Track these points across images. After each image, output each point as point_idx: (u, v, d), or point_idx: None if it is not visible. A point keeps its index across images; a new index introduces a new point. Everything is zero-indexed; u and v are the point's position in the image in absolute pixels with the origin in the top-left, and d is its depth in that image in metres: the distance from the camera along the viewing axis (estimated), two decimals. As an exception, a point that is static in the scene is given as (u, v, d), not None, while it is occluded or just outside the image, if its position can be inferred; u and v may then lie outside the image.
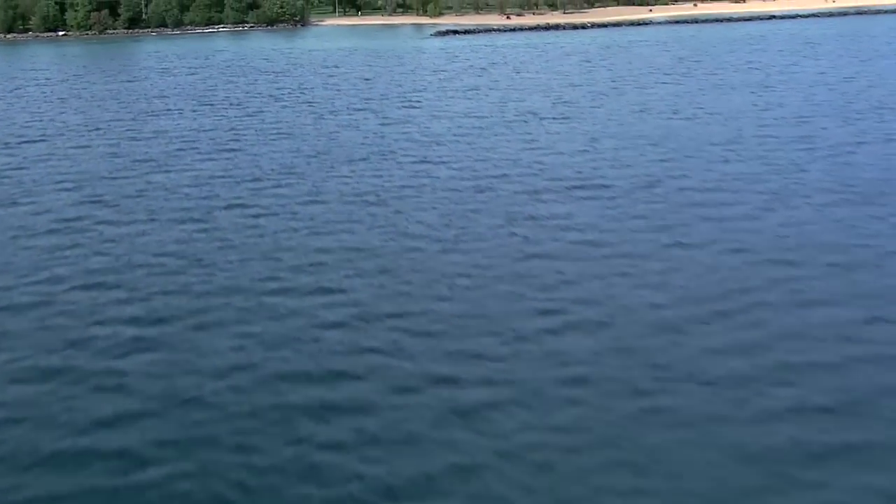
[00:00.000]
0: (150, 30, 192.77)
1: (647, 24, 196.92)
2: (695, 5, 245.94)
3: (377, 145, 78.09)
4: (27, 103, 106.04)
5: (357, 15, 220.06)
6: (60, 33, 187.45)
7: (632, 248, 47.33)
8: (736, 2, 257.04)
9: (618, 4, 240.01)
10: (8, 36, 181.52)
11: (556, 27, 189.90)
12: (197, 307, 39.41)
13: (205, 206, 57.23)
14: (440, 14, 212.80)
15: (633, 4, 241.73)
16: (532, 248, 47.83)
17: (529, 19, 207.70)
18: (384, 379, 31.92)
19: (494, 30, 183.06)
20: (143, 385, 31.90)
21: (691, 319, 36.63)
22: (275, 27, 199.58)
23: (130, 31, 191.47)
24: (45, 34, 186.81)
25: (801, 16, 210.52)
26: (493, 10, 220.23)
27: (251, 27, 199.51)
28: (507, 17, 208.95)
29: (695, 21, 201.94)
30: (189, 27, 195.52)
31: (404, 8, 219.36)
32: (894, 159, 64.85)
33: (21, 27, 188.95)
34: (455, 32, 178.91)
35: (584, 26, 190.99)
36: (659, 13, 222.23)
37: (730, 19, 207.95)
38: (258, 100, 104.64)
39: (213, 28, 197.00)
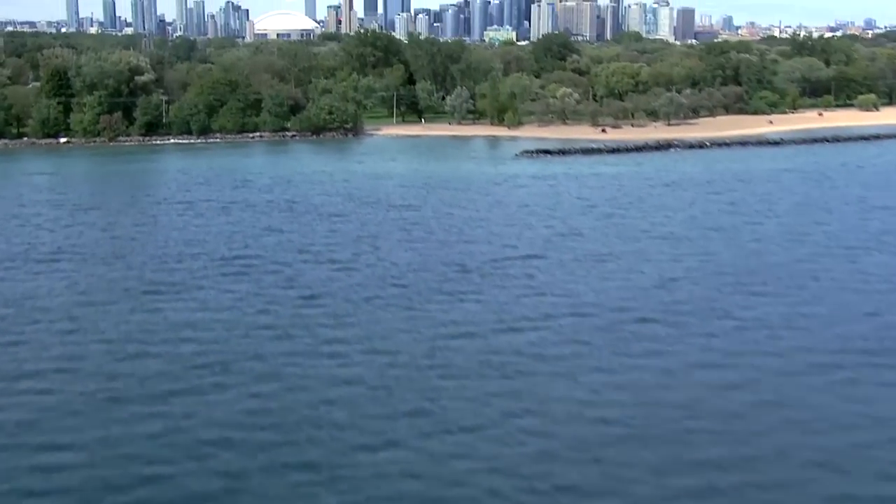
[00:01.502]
0: (170, 137, 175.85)
1: (776, 143, 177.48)
2: (820, 114, 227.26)
3: (513, 376, 58.24)
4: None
5: (419, 122, 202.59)
6: (62, 140, 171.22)
7: None
8: (866, 110, 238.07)
9: (727, 113, 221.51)
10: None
11: (668, 146, 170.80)
12: None
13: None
14: (519, 124, 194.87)
15: (745, 113, 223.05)
16: None
17: (629, 133, 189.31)
18: None
19: (594, 150, 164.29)
20: None
21: None
22: (321, 136, 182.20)
23: (147, 137, 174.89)
24: (44, 141, 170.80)
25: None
26: (583, 118, 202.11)
27: (293, 136, 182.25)
28: (603, 130, 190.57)
29: (835, 139, 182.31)
30: (218, 135, 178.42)
31: (475, 114, 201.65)
32: None
33: (15, 132, 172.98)
34: (546, 153, 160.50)
35: (701, 145, 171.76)
36: (781, 126, 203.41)
37: (877, 136, 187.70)
38: (315, 268, 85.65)
39: (248, 136, 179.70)
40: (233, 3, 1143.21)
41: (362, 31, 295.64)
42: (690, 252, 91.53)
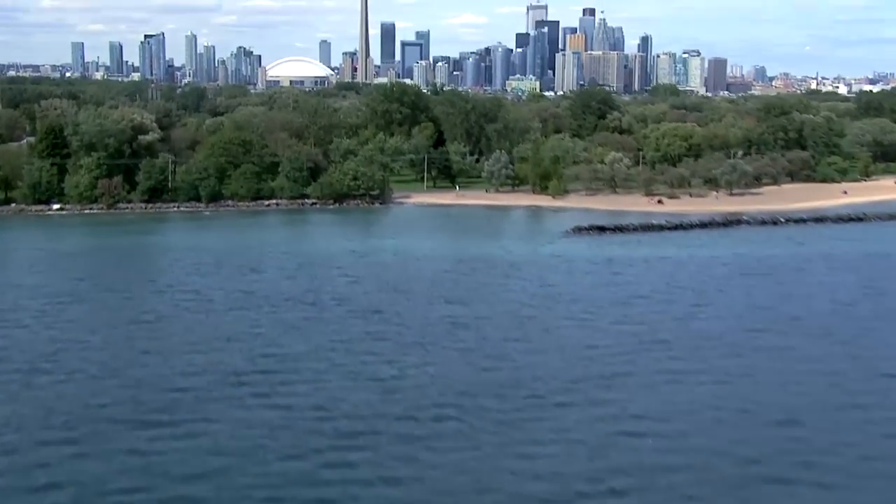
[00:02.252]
0: (176, 204, 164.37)
1: (859, 219, 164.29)
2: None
3: None
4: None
5: (452, 188, 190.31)
6: (55, 207, 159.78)
7: None
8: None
9: (792, 181, 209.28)
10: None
11: (738, 221, 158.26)
12: None
13: None
14: (564, 193, 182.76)
15: (812, 180, 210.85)
16: None
17: (689, 204, 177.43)
18: None
19: (654, 226, 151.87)
20: None
21: None
22: (345, 205, 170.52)
23: (150, 204, 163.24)
24: (35, 207, 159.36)
25: None
26: (633, 186, 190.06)
27: (313, 204, 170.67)
28: (659, 202, 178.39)
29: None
30: (230, 201, 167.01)
31: (515, 181, 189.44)
32: None
33: (2, 197, 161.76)
34: (601, 229, 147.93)
35: (774, 221, 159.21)
36: (857, 196, 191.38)
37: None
38: (352, 388, 73.88)
39: (263, 203, 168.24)
40: (245, 49, 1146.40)
41: (388, 84, 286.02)
42: (808, 370, 78.57)
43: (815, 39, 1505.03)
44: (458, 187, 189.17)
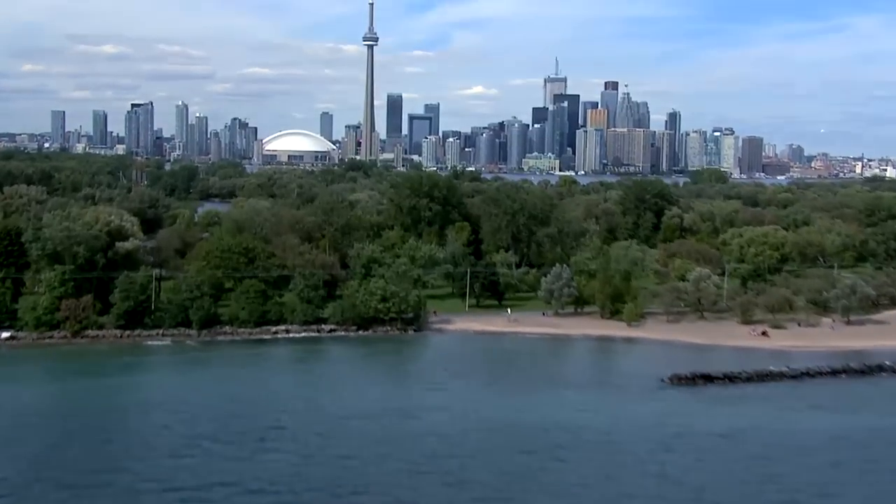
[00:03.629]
0: (161, 331, 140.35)
1: None
2: None
3: None
4: None
5: (504, 312, 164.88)
6: (4, 335, 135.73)
7: None
8: None
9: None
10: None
11: (880, 368, 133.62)
12: None
13: None
14: (641, 318, 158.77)
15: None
16: None
17: (799, 337, 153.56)
18: None
19: (772, 374, 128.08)
20: None
21: None
22: (370, 332, 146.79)
23: (128, 333, 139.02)
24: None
25: None
26: (723, 309, 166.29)
27: (331, 331, 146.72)
28: (763, 333, 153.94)
29: None
30: (227, 327, 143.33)
31: (579, 302, 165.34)
32: None
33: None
34: (707, 379, 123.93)
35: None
36: None
37: None
38: None
39: (269, 330, 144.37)
40: (240, 121, 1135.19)
41: (416, 175, 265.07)
42: None
43: (851, 117, 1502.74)
44: (509, 310, 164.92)
